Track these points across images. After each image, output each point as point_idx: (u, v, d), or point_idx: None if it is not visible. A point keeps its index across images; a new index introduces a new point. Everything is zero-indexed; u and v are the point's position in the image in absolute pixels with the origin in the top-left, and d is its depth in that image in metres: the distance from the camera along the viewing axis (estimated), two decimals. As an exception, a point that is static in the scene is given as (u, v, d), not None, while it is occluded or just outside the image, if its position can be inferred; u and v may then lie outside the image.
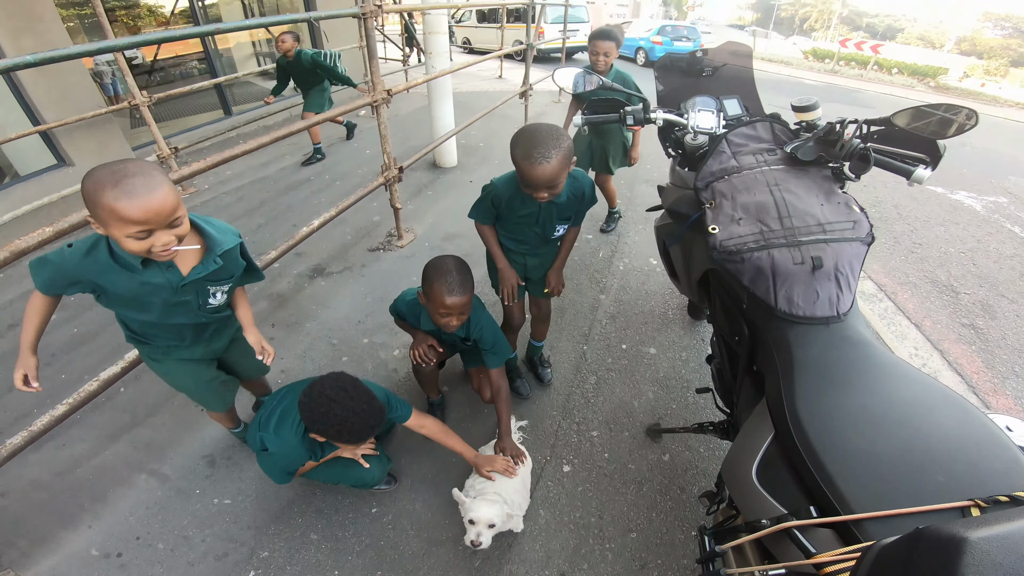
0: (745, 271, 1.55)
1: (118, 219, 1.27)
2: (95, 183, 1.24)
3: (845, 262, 1.48)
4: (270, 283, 3.85)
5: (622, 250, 4.31)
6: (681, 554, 2.19)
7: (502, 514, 1.98)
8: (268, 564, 2.13)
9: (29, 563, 2.11)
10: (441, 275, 1.90)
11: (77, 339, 3.28)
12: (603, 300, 3.62)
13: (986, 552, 0.62)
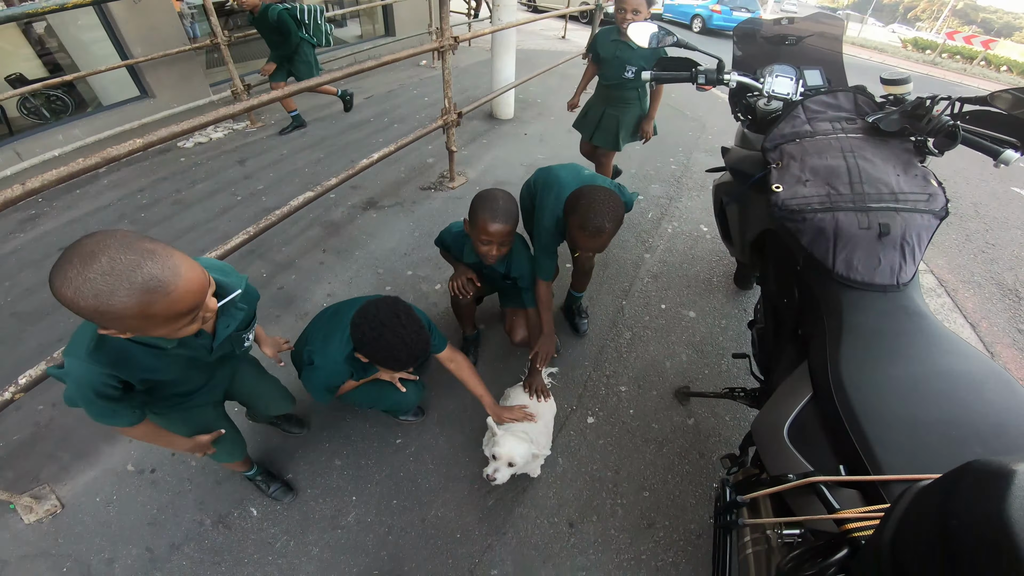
0: (805, 231, 1.46)
1: (165, 321, 1.02)
2: (129, 298, 0.93)
3: (913, 232, 1.38)
4: (325, 211, 3.88)
5: (672, 213, 4.09)
6: (690, 519, 2.12)
7: (527, 454, 1.92)
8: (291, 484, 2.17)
9: (66, 477, 2.18)
10: (487, 203, 1.87)
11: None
12: (647, 259, 3.45)
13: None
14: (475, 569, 1.97)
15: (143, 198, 4.08)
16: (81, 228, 3.68)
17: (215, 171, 4.50)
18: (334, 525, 2.07)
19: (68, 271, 0.90)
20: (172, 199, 4.05)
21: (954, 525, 0.59)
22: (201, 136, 5.25)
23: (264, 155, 4.79)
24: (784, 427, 1.31)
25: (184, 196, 4.09)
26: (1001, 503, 0.55)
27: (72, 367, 1.14)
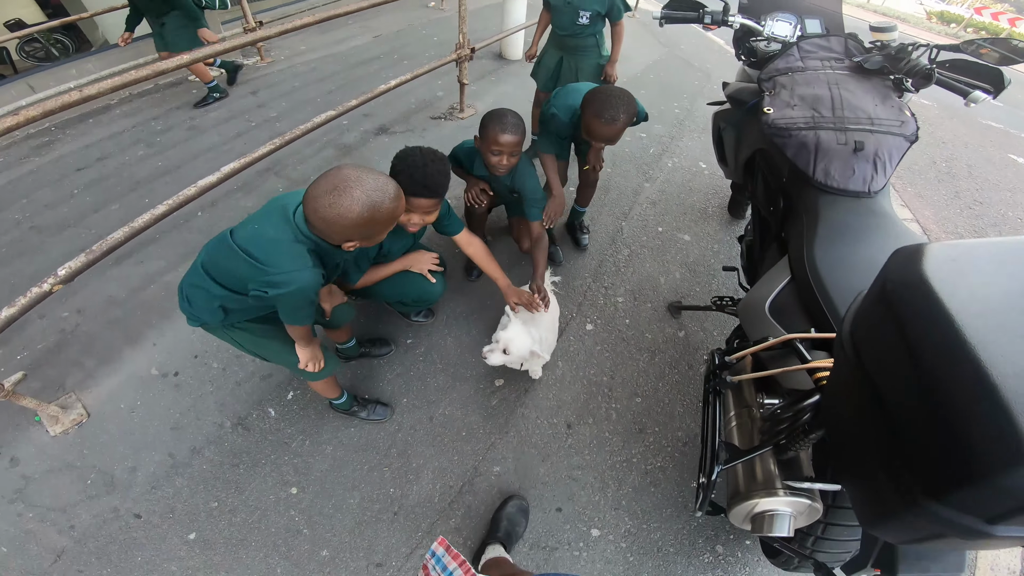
0: (790, 145, 1.63)
1: (390, 224, 1.40)
2: (390, 205, 1.32)
3: (885, 150, 1.55)
4: (338, 135, 3.84)
5: (672, 150, 4.03)
6: (677, 426, 2.18)
7: (524, 350, 1.96)
8: (305, 385, 2.21)
9: (92, 384, 2.20)
10: (497, 117, 1.95)
11: (160, 171, 3.36)
12: (647, 187, 3.43)
13: (943, 249, 0.73)
14: (479, 466, 2.05)
15: (157, 125, 4.01)
16: (97, 151, 3.63)
17: (228, 101, 4.40)
18: (347, 423, 2.14)
19: (346, 196, 1.23)
20: (187, 125, 3.98)
21: (889, 287, 0.76)
22: (213, 71, 5.11)
23: (276, 87, 4.68)
24: (766, 303, 1.51)
25: (198, 123, 4.02)
26: (919, 263, 0.71)
27: (302, 276, 1.33)
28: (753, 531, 1.27)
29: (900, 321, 0.71)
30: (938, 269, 0.70)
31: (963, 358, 0.61)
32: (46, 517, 1.85)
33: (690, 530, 1.93)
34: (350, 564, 1.79)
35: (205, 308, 1.53)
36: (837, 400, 0.96)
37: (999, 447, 0.56)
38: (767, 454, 1.29)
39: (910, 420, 0.69)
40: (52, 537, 1.80)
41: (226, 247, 1.41)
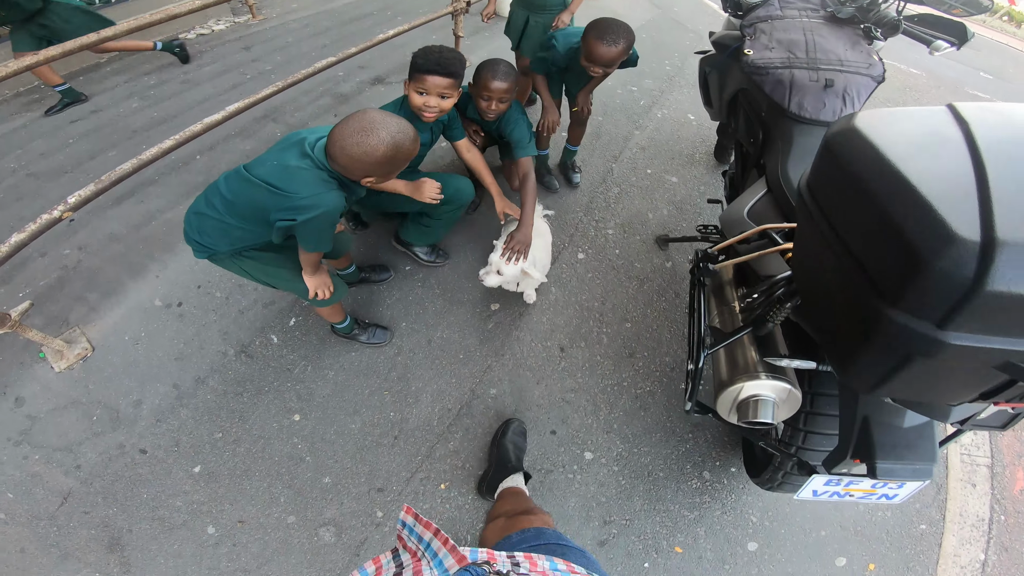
0: (767, 82, 1.78)
1: (408, 160, 1.49)
2: (409, 144, 1.42)
3: (853, 87, 1.69)
4: (334, 85, 3.78)
5: (662, 102, 4.00)
6: (665, 351, 2.23)
7: (516, 270, 1.99)
8: (308, 311, 2.23)
9: (95, 318, 2.18)
10: (490, 65, 2.00)
11: (156, 121, 3.30)
12: (637, 134, 3.42)
13: (868, 113, 0.91)
14: (476, 388, 2.09)
15: (150, 80, 3.91)
16: (90, 105, 3.54)
17: (221, 56, 4.30)
18: (348, 348, 2.16)
19: (373, 136, 1.33)
20: (180, 79, 3.89)
21: (831, 141, 0.92)
22: (203, 28, 4.98)
23: (269, 43, 4.56)
24: (744, 210, 1.69)
25: (192, 77, 3.93)
26: (852, 120, 0.89)
27: (327, 199, 1.41)
28: (740, 419, 1.33)
29: (841, 162, 0.87)
30: (865, 122, 0.88)
31: (890, 175, 0.76)
32: (52, 458, 1.84)
33: (679, 455, 1.98)
34: (352, 490, 1.83)
35: (219, 238, 1.57)
36: (805, 253, 1.06)
37: (929, 237, 0.68)
38: (747, 341, 1.36)
39: (862, 240, 0.82)
40: (58, 479, 1.80)
41: (243, 180, 1.46)
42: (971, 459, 2.12)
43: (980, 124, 0.80)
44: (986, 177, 0.70)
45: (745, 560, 1.78)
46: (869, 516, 1.90)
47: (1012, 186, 0.69)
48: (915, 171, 0.74)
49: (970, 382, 0.82)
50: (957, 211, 0.67)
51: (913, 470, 1.10)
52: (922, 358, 0.76)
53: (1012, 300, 0.65)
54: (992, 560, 1.87)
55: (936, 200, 0.69)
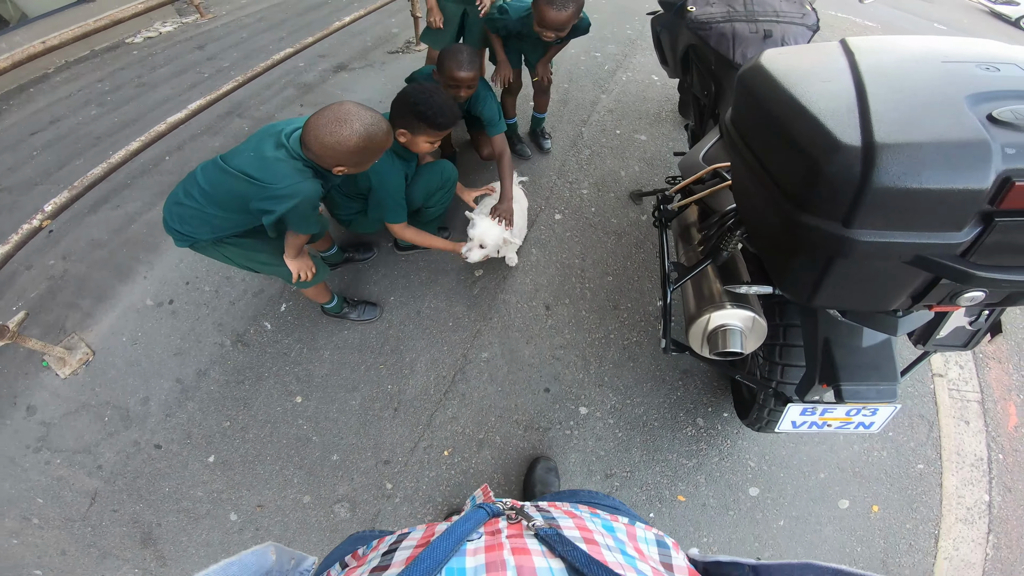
0: (712, 37, 1.93)
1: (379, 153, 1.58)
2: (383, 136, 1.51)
3: (791, 37, 1.85)
4: (296, 75, 3.83)
5: (627, 66, 4.11)
6: (648, 301, 2.34)
7: (498, 238, 2.09)
8: (298, 296, 2.30)
9: (91, 323, 2.24)
10: (453, 55, 2.04)
11: (118, 126, 3.33)
12: (603, 98, 3.53)
13: (771, 51, 1.06)
14: (468, 353, 2.19)
15: (104, 86, 3.90)
16: (47, 115, 3.55)
17: (174, 57, 4.29)
18: (340, 327, 2.25)
19: (346, 127, 1.40)
20: (135, 83, 3.89)
21: (743, 78, 1.06)
22: (150, 31, 4.94)
23: (222, 40, 4.56)
24: (700, 154, 1.82)
25: (148, 80, 3.93)
26: (757, 60, 1.04)
27: (304, 188, 1.48)
28: (711, 351, 1.44)
29: (751, 95, 1.02)
30: (769, 59, 1.02)
31: (787, 100, 0.90)
32: (73, 461, 1.91)
33: (671, 403, 2.07)
34: (360, 464, 1.92)
35: (199, 227, 1.63)
36: (739, 181, 1.19)
37: (820, 147, 0.81)
38: (712, 275, 1.48)
39: (774, 159, 0.96)
40: (83, 480, 1.88)
41: (221, 171, 1.53)
42: (960, 395, 2.17)
43: (863, 53, 0.95)
44: (866, 94, 0.83)
45: (748, 505, 1.84)
46: (866, 457, 1.96)
47: (888, 99, 0.81)
48: (807, 95, 0.88)
49: (896, 283, 0.92)
50: (842, 123, 0.80)
51: (877, 391, 1.19)
52: (840, 259, 0.87)
53: (900, 194, 0.76)
54: (997, 501, 1.91)
55: (824, 116, 0.82)
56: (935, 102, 0.80)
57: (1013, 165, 0.73)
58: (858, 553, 1.77)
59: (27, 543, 1.76)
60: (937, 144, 0.74)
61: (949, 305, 0.94)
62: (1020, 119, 0.75)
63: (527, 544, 0.46)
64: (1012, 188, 0.73)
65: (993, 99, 0.80)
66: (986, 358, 2.29)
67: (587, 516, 0.59)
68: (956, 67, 0.87)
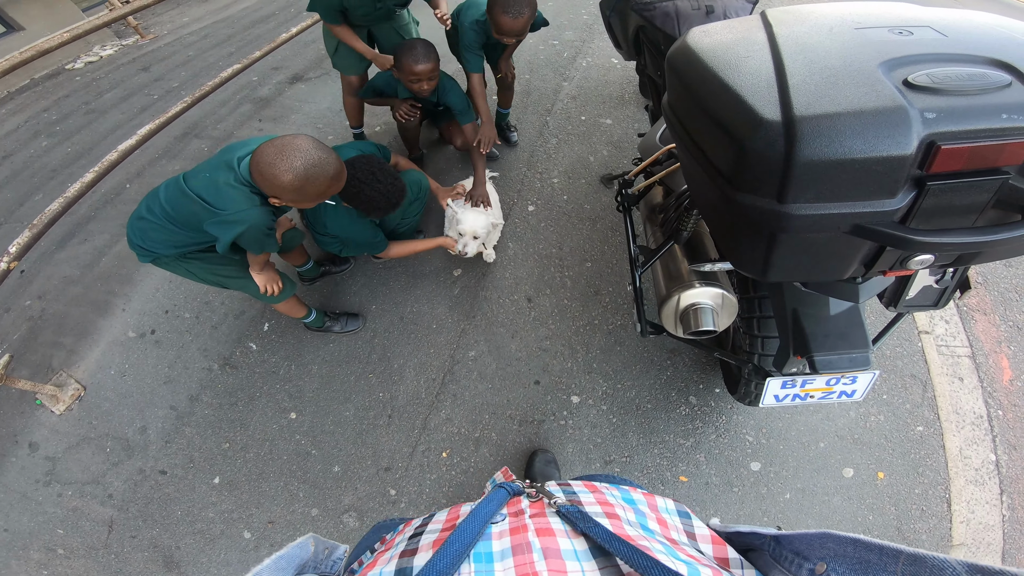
0: (656, 16, 2.00)
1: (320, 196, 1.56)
2: (304, 173, 1.45)
3: (733, 11, 1.94)
4: (251, 90, 3.86)
5: (585, 52, 4.20)
6: (628, 283, 2.42)
7: (487, 224, 2.21)
8: (280, 315, 2.36)
9: (76, 359, 2.29)
10: (408, 50, 2.15)
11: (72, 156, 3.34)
12: (565, 86, 3.62)
13: (696, 30, 1.09)
14: (455, 354, 2.26)
15: (51, 115, 3.90)
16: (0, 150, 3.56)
17: (119, 81, 4.28)
18: (325, 340, 2.31)
19: (285, 162, 1.39)
20: (83, 110, 3.89)
21: (670, 60, 1.11)
22: (89, 56, 4.92)
23: (168, 60, 4.55)
24: (657, 136, 1.87)
25: (95, 105, 3.92)
26: (684, 40, 1.07)
27: (251, 215, 1.52)
28: (685, 331, 1.51)
29: (680, 76, 1.06)
30: (694, 38, 1.06)
31: (712, 79, 0.94)
32: (84, 491, 1.97)
33: (661, 384, 2.14)
34: (361, 474, 1.99)
35: (161, 242, 1.67)
36: (684, 163, 1.24)
37: (743, 124, 0.84)
38: (679, 255, 1.55)
39: (707, 139, 0.99)
40: (97, 509, 1.94)
41: (180, 191, 1.58)
42: (949, 350, 2.20)
43: (780, 24, 0.98)
44: (784, 68, 0.86)
45: (752, 480, 1.88)
46: (863, 422, 1.99)
47: (805, 72, 0.85)
48: (729, 72, 0.91)
49: (843, 253, 0.94)
50: (762, 99, 0.83)
51: (850, 359, 1.22)
52: (782, 234, 0.89)
53: (826, 166, 0.78)
54: (1004, 460, 1.93)
55: (745, 93, 0.86)
56: (850, 71, 0.83)
57: (936, 129, 0.75)
58: (871, 522, 1.81)
59: (56, 573, 1.83)
60: (854, 113, 0.77)
61: (901, 270, 0.96)
62: (937, 82, 0.78)
63: (550, 523, 0.47)
64: (939, 152, 0.75)
65: (908, 63, 0.82)
66: (971, 311, 2.35)
67: (605, 490, 0.61)
68: (869, 33, 0.90)
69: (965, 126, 0.75)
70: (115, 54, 4.91)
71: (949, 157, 0.76)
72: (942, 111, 0.76)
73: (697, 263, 1.46)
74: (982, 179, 0.78)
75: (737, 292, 1.51)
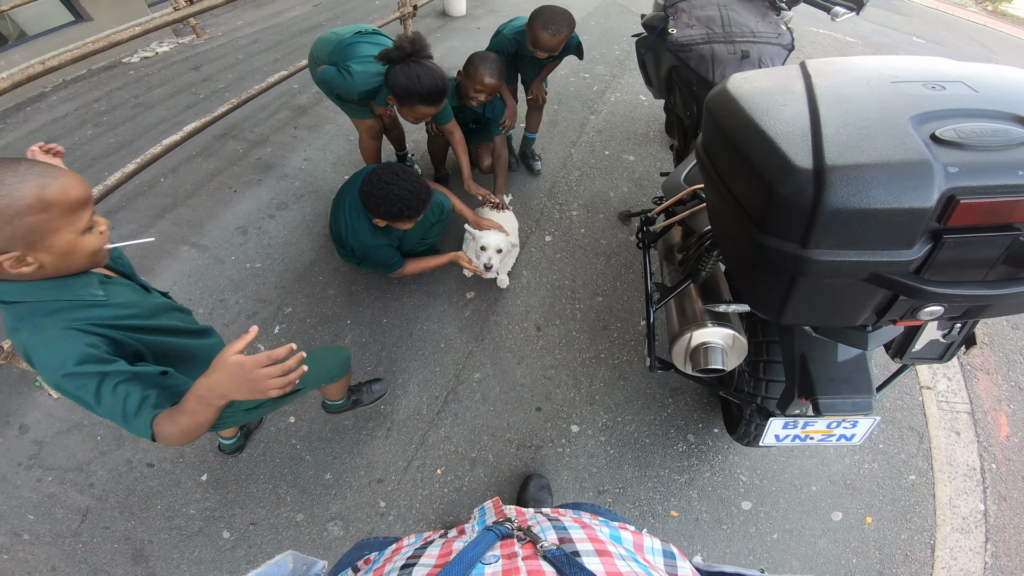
0: (692, 58, 1.98)
1: None
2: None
3: (768, 57, 1.91)
4: (291, 98, 3.89)
5: (614, 87, 4.19)
6: (637, 320, 2.38)
7: (507, 242, 2.21)
8: (291, 318, 2.33)
9: None
10: (485, 60, 2.23)
11: (113, 147, 3.36)
12: (592, 119, 3.61)
13: (737, 76, 1.09)
14: (460, 374, 2.21)
15: (100, 106, 3.94)
16: (43, 135, 3.58)
17: (170, 78, 4.34)
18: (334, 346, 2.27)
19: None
20: (131, 104, 3.93)
21: (709, 104, 1.11)
22: (146, 51, 4.99)
23: (218, 61, 4.62)
24: (682, 177, 1.85)
25: (144, 100, 3.97)
26: (724, 86, 1.08)
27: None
28: (694, 368, 1.49)
29: (717, 120, 1.06)
30: (734, 84, 1.06)
31: (748, 125, 0.94)
32: (64, 479, 1.91)
33: (661, 420, 2.10)
34: (353, 483, 1.93)
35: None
36: (711, 204, 1.23)
37: (775, 170, 0.85)
38: (694, 294, 1.53)
39: (738, 182, 0.99)
40: (75, 497, 1.88)
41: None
42: (949, 406, 2.19)
43: (819, 75, 0.99)
44: (819, 118, 0.86)
45: (741, 519, 1.86)
46: (857, 469, 1.98)
47: (839, 122, 0.85)
48: (766, 119, 0.91)
49: (858, 300, 0.94)
50: (795, 146, 0.84)
51: (853, 403, 1.22)
52: (802, 277, 0.90)
53: (850, 215, 0.78)
54: (993, 510, 1.93)
55: (779, 140, 0.86)
56: (882, 123, 0.83)
57: (956, 183, 0.75)
58: (853, 565, 1.78)
59: (17, 559, 1.76)
60: (882, 165, 0.77)
61: (911, 320, 0.96)
62: (963, 137, 0.78)
63: (542, 567, 0.47)
64: (957, 206, 0.75)
65: (937, 118, 0.83)
66: (974, 369, 2.32)
67: (596, 526, 0.60)
68: (905, 87, 0.91)
69: (984, 181, 0.75)
70: (170, 51, 4.98)
71: (967, 211, 0.76)
72: (964, 166, 0.76)
73: (711, 303, 1.44)
74: (995, 234, 0.78)
75: (746, 335, 1.49)
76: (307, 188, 3.02)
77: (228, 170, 3.15)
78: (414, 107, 1.98)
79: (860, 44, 5.70)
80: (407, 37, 1.91)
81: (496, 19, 5.73)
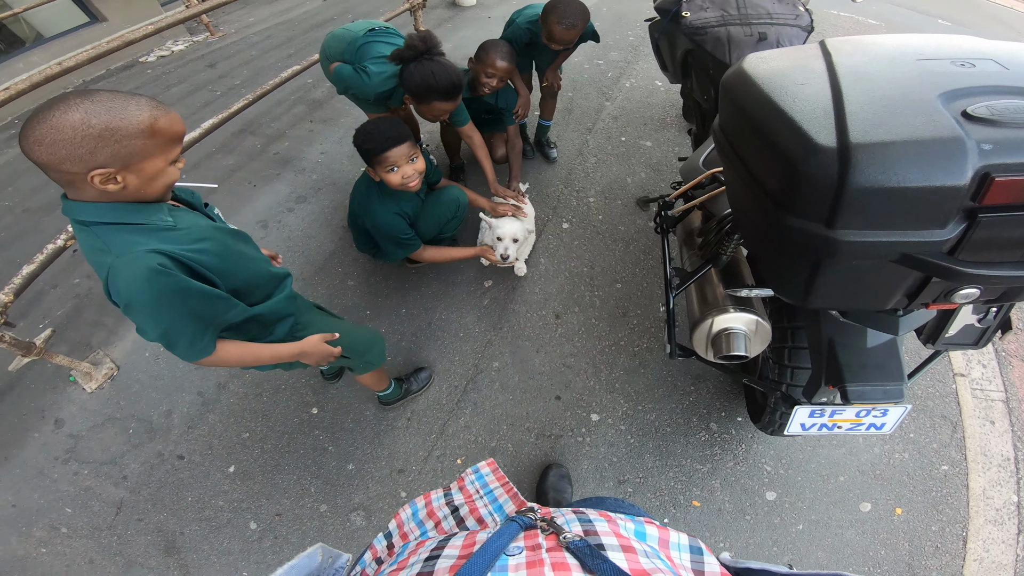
0: (708, 41, 1.94)
1: None
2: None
3: (786, 38, 1.86)
4: (306, 92, 3.91)
5: (629, 73, 4.12)
6: (657, 307, 2.35)
7: (523, 230, 2.18)
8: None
9: (115, 339, 2.30)
10: (496, 45, 2.23)
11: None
12: (608, 106, 3.56)
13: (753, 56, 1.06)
14: (479, 363, 2.21)
15: (121, 105, 4.01)
16: (68, 137, 3.65)
17: (186, 76, 4.38)
18: (353, 337, 2.28)
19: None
20: (150, 103, 3.98)
21: (724, 84, 1.09)
22: (162, 50, 5.05)
23: (233, 58, 4.65)
24: (700, 160, 1.82)
25: (162, 98, 4.00)
26: (739, 65, 1.06)
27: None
28: (716, 355, 1.45)
29: (735, 100, 1.03)
30: (750, 64, 1.03)
31: (768, 104, 0.91)
32: (100, 472, 1.96)
33: (683, 409, 2.06)
34: (374, 474, 1.94)
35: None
36: (731, 186, 1.20)
37: (799, 149, 0.82)
38: (715, 279, 1.49)
39: (759, 163, 0.96)
40: (109, 490, 1.92)
41: None
42: (984, 394, 2.12)
43: (840, 54, 0.96)
44: (841, 96, 0.84)
45: (766, 510, 1.82)
46: (887, 459, 1.93)
47: (863, 100, 0.82)
48: (785, 98, 0.89)
49: (888, 282, 0.92)
50: (818, 125, 0.81)
51: (883, 391, 1.18)
52: (828, 259, 0.88)
53: (878, 193, 0.76)
54: None
55: (801, 119, 0.83)
56: (909, 100, 0.81)
57: (991, 160, 0.73)
58: (882, 556, 1.74)
59: (56, 552, 1.81)
60: (911, 142, 0.75)
61: (945, 303, 0.93)
62: (996, 114, 0.75)
63: (566, 559, 0.47)
64: (992, 184, 0.73)
65: (968, 95, 0.80)
66: (1009, 356, 2.25)
67: (620, 521, 0.60)
68: (931, 64, 0.88)
69: (1020, 159, 0.73)
70: (186, 50, 5.02)
71: (1003, 189, 0.73)
72: (999, 143, 0.73)
73: (733, 288, 1.41)
74: None
75: (770, 321, 1.45)
76: (325, 181, 3.03)
77: (247, 166, 3.17)
78: (431, 104, 1.96)
79: (883, 26, 5.53)
80: (418, 35, 1.89)
81: (507, 7, 5.67)
